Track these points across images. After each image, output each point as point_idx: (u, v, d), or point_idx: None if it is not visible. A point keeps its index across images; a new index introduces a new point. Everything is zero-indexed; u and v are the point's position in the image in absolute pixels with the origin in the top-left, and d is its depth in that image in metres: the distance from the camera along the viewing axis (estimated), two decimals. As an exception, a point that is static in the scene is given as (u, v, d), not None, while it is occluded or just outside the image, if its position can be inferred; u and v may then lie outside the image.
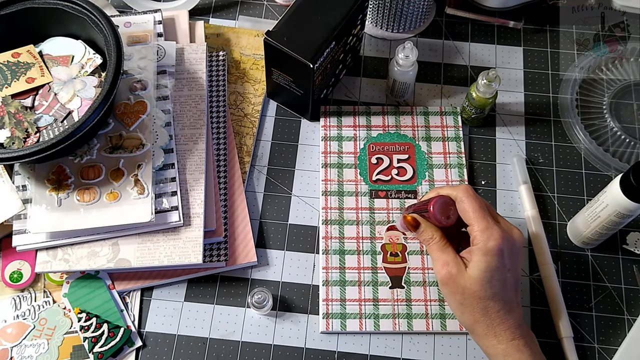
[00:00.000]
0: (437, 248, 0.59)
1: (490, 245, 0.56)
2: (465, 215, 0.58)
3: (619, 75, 0.80)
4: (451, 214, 0.59)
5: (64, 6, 0.69)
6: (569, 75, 0.80)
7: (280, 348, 0.67)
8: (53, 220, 0.65)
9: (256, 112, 0.78)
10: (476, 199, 0.58)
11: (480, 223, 0.57)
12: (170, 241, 0.67)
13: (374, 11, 0.81)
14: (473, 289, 0.56)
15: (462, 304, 0.57)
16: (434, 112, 0.78)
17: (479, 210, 0.57)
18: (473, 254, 0.57)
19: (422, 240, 0.61)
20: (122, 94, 0.71)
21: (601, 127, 0.77)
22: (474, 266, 0.56)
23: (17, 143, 0.67)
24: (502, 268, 0.57)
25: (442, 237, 0.60)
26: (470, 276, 0.56)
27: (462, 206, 0.58)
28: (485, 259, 0.56)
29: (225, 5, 0.86)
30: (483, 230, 0.56)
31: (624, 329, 0.67)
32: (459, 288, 0.57)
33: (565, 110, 0.78)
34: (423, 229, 0.60)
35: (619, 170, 0.74)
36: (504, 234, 0.57)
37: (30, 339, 0.66)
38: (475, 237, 0.57)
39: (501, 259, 0.56)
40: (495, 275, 0.56)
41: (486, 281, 0.56)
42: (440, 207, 0.58)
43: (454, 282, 0.57)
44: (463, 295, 0.57)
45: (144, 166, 0.68)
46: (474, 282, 0.56)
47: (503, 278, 0.57)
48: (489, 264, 0.56)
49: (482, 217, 0.57)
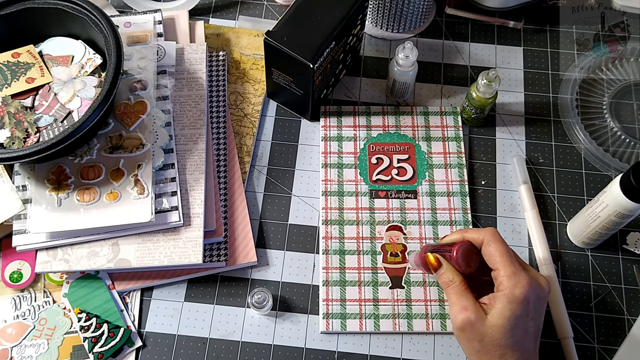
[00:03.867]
0: (456, 292, 0.57)
1: (517, 292, 0.54)
2: (491, 260, 0.56)
3: (619, 75, 0.80)
4: (473, 262, 0.57)
5: (64, 6, 0.69)
6: (569, 75, 0.80)
7: (280, 348, 0.67)
8: (53, 220, 0.65)
9: (256, 112, 0.78)
10: (503, 244, 0.56)
11: (507, 268, 0.55)
12: (170, 241, 0.67)
13: (374, 11, 0.81)
14: (494, 336, 0.54)
15: (478, 352, 0.55)
16: (434, 112, 0.78)
17: (507, 254, 0.55)
18: (497, 300, 0.55)
19: (441, 282, 0.58)
20: (122, 94, 0.71)
21: (601, 127, 0.77)
22: (498, 313, 0.54)
23: (17, 143, 0.66)
24: (526, 317, 0.54)
25: (463, 281, 0.57)
26: (491, 323, 0.54)
27: (489, 250, 0.56)
28: (511, 306, 0.54)
29: (225, 5, 0.86)
30: (510, 275, 0.54)
31: (624, 329, 0.67)
32: (477, 335, 0.54)
33: (565, 110, 0.78)
34: (444, 271, 0.58)
35: (619, 170, 0.74)
36: (532, 281, 0.55)
37: (30, 339, 0.66)
38: (501, 283, 0.55)
39: (526, 308, 0.54)
40: (519, 323, 0.54)
41: (509, 329, 0.54)
42: (463, 254, 0.56)
43: (472, 329, 0.55)
44: (481, 343, 0.54)
45: (144, 166, 0.68)
46: (496, 329, 0.54)
47: (525, 327, 0.55)
48: (514, 312, 0.54)
49: (509, 262, 0.55)
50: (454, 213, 0.72)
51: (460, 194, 0.73)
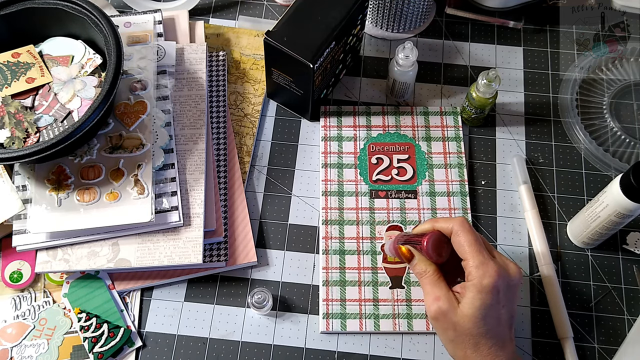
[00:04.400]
0: (429, 282, 0.57)
1: (485, 282, 0.54)
2: (460, 250, 0.57)
3: (619, 75, 0.80)
4: (444, 252, 0.58)
5: (64, 6, 0.69)
6: (569, 75, 0.80)
7: (280, 348, 0.67)
8: (53, 220, 0.65)
9: (256, 112, 0.78)
10: (472, 233, 0.57)
11: (475, 258, 0.55)
12: (170, 241, 0.67)
13: (374, 11, 0.81)
14: (466, 326, 0.54)
15: (452, 341, 0.56)
16: (434, 112, 0.78)
17: (475, 244, 0.56)
18: (467, 290, 0.55)
19: (415, 272, 0.59)
20: (122, 94, 0.71)
21: (601, 127, 0.77)
22: (468, 303, 0.54)
23: (17, 143, 0.66)
24: (497, 305, 0.55)
25: (436, 271, 0.58)
26: (463, 313, 0.55)
27: (458, 239, 0.57)
28: (480, 296, 0.54)
29: (225, 5, 0.86)
30: (478, 265, 0.55)
31: (624, 329, 0.67)
32: (450, 324, 0.55)
33: (565, 110, 0.78)
34: (417, 261, 0.59)
35: (619, 170, 0.74)
36: (500, 269, 0.55)
37: (30, 339, 0.66)
38: (470, 273, 0.55)
39: (496, 296, 0.55)
40: (489, 312, 0.54)
41: (480, 319, 0.54)
42: (433, 244, 0.57)
43: (444, 318, 0.55)
44: (455, 332, 0.55)
45: (144, 166, 0.68)
46: (467, 319, 0.54)
47: (497, 315, 0.55)
48: (484, 302, 0.54)
49: (477, 251, 0.55)
50: (454, 213, 0.72)
51: (460, 194, 0.73)
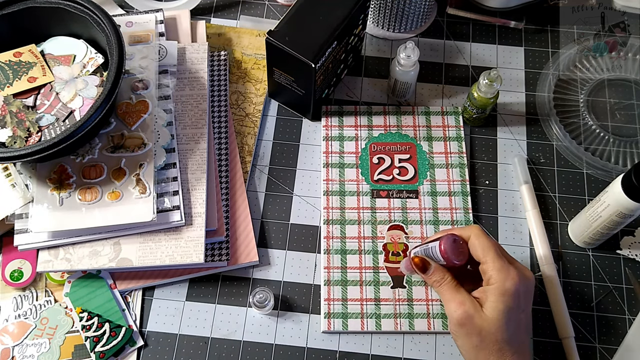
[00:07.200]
0: (449, 288, 0.57)
1: (507, 285, 0.54)
2: (478, 253, 0.56)
3: (594, 74, 0.80)
4: (462, 255, 0.57)
5: (65, 5, 0.69)
6: (545, 73, 0.80)
7: (281, 347, 0.67)
8: (54, 220, 0.65)
9: (257, 112, 0.78)
10: (489, 238, 0.57)
11: (496, 262, 0.55)
12: (172, 241, 0.67)
13: (375, 11, 0.81)
14: (491, 330, 0.54)
15: (477, 347, 0.55)
16: (435, 112, 0.78)
17: (494, 248, 0.56)
18: (489, 294, 0.54)
19: (432, 282, 0.58)
20: (124, 93, 0.71)
21: (578, 124, 0.77)
22: (491, 306, 0.54)
23: (19, 142, 0.66)
24: (517, 309, 0.55)
25: (453, 277, 0.57)
26: (487, 317, 0.54)
27: (476, 243, 0.56)
28: (503, 299, 0.54)
29: (226, 5, 0.86)
30: (500, 269, 0.54)
31: (625, 329, 0.67)
32: (475, 329, 0.54)
33: (542, 107, 0.78)
34: (433, 270, 0.58)
35: (591, 165, 0.74)
36: (520, 274, 0.55)
37: (31, 339, 0.66)
38: (491, 277, 0.55)
39: (517, 300, 0.54)
40: (512, 316, 0.54)
41: (504, 322, 0.54)
42: (452, 246, 0.56)
43: (470, 323, 0.54)
44: (479, 337, 0.54)
45: (145, 165, 0.68)
46: (492, 323, 0.54)
47: (518, 320, 0.55)
48: (507, 305, 0.54)
49: (497, 256, 0.55)
50: (455, 213, 0.72)
51: (461, 193, 0.73)
